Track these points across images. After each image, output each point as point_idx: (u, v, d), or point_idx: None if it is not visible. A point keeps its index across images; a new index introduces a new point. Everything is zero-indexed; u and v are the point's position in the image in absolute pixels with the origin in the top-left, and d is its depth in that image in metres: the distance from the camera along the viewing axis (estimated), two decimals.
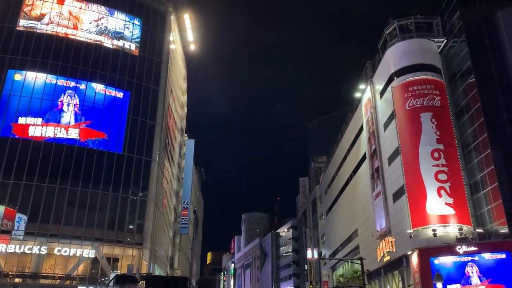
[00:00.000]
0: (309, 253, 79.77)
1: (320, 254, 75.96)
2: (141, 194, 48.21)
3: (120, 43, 53.33)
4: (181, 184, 73.93)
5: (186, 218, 72.51)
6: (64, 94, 48.05)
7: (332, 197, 69.59)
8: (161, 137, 51.92)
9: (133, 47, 53.93)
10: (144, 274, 37.96)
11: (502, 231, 33.94)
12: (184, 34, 67.20)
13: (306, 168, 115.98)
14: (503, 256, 31.56)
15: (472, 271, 32.07)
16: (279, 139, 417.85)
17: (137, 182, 48.41)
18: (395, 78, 43.59)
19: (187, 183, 75.35)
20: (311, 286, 79.33)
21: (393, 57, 44.76)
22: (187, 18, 64.38)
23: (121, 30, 54.09)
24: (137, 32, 54.97)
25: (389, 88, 44.29)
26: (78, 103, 47.89)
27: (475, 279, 31.87)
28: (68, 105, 47.63)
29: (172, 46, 58.90)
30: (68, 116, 47.33)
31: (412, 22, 44.63)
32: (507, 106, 37.17)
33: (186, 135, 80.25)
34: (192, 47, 69.65)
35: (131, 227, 46.63)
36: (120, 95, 50.52)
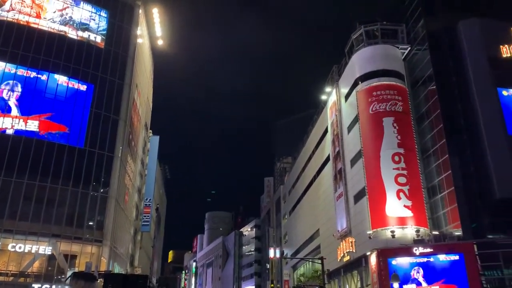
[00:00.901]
0: (271, 252, 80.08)
1: (282, 253, 76.66)
2: (102, 190, 47.08)
3: (85, 34, 51.89)
4: (144, 181, 72.77)
5: (148, 216, 71.40)
6: (7, 84, 45.73)
7: (296, 197, 70.37)
8: (125, 133, 50.89)
9: (98, 39, 52.60)
10: (103, 272, 37.15)
11: (456, 233, 35.36)
12: (152, 29, 66.15)
13: (272, 168, 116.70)
14: (457, 257, 32.90)
15: (420, 273, 33.32)
16: (246, 138, 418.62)
17: (98, 177, 47.27)
18: (360, 82, 44.56)
19: (150, 180, 74.23)
20: (272, 285, 79.73)
21: (359, 61, 45.74)
22: (156, 13, 63.39)
23: (86, 21, 52.64)
24: (103, 24, 53.65)
25: (354, 92, 45.23)
26: (19, 94, 45.63)
27: (430, 280, 33.11)
28: (9, 96, 45.46)
29: (139, 40, 57.85)
30: (14, 108, 45.44)
31: (378, 29, 45.79)
32: (464, 114, 38.76)
33: (150, 131, 79.04)
34: (160, 42, 68.68)
35: (90, 223, 45.46)
36: (83, 88, 49.16)
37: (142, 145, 69.06)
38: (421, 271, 33.22)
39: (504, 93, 38.37)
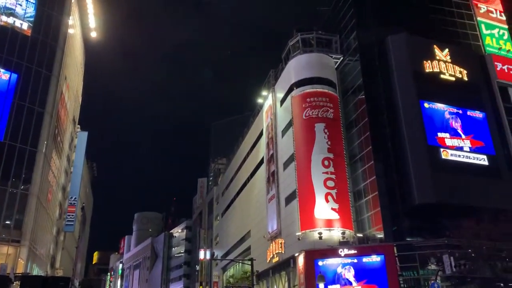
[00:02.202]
0: (202, 254, 79.83)
1: (212, 255, 76.42)
2: (22, 187, 44.00)
3: (10, 20, 48.30)
4: (69, 178, 69.13)
5: (72, 215, 67.86)
6: None
7: (229, 198, 70.49)
8: (50, 127, 47.99)
9: (25, 26, 49.24)
10: (20, 274, 34.73)
11: (378, 236, 37.35)
12: (85, 20, 63.07)
13: (206, 169, 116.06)
14: (378, 259, 34.73)
15: (348, 274, 34.80)
16: (180, 138, 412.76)
17: (19, 173, 44.11)
18: (295, 88, 45.73)
19: (76, 178, 70.63)
20: (201, 286, 79.39)
21: (295, 68, 46.94)
22: (90, 3, 60.59)
23: (12, 6, 49.07)
24: (31, 11, 50.30)
25: (289, 97, 46.32)
26: None
27: (353, 281, 34.61)
28: None
29: (70, 31, 54.93)
30: None
31: (314, 37, 47.33)
32: (390, 123, 41.09)
33: (78, 126, 75.25)
34: (94, 34, 65.63)
35: (7, 222, 42.32)
36: (5, 77, 45.69)
37: (69, 140, 65.60)
38: (352, 270, 34.61)
39: (426, 105, 41.17)
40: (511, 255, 32.12)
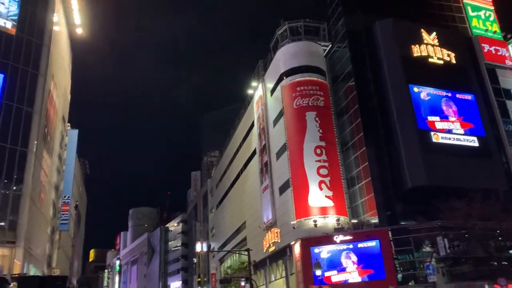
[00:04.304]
0: (198, 247, 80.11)
1: (209, 247, 76.73)
2: (14, 188, 43.68)
3: None
4: (61, 177, 68.72)
5: (66, 214, 67.58)
6: None
7: (223, 190, 70.60)
8: (40, 126, 47.53)
9: (9, 25, 48.45)
10: (16, 275, 34.63)
11: (373, 221, 37.71)
12: (70, 16, 62.20)
13: (199, 162, 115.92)
14: (373, 243, 35.13)
15: (346, 260, 35.17)
16: (172, 132, 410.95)
17: (10, 174, 43.74)
18: (284, 77, 45.67)
19: (69, 176, 70.23)
20: (199, 279, 79.75)
21: (283, 57, 46.83)
22: None
23: None
24: (14, 9, 49.50)
25: (278, 87, 46.27)
26: None
27: (350, 266, 34.99)
28: None
29: (55, 28, 54.19)
30: None
31: (301, 25, 47.19)
32: (380, 109, 41.29)
33: (68, 124, 74.60)
34: (79, 30, 64.80)
35: (1, 224, 42.11)
36: None
37: (59, 139, 65.09)
38: (352, 256, 34.96)
39: (415, 89, 41.38)
40: (504, 234, 32.59)
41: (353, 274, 34.70)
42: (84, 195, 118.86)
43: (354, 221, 39.73)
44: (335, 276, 34.73)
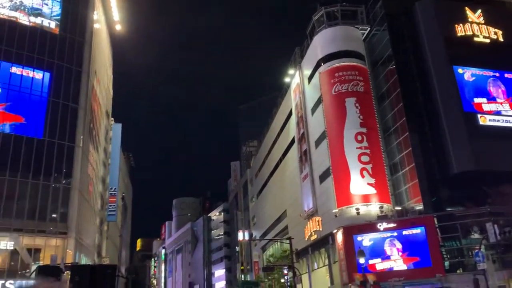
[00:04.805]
0: (240, 235, 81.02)
1: (251, 235, 77.47)
2: (64, 182, 45.71)
3: (38, 20, 49.51)
4: (107, 170, 71.22)
5: (113, 205, 70.21)
6: None
7: (262, 180, 70.91)
8: (85, 121, 49.38)
9: (53, 25, 50.36)
10: (69, 264, 36.33)
11: (417, 208, 36.76)
12: (109, 14, 63.88)
13: (237, 152, 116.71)
14: (418, 231, 34.26)
15: (391, 248, 34.53)
16: (211, 123, 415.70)
17: (60, 168, 45.81)
18: (322, 64, 44.96)
19: (114, 169, 72.78)
20: (242, 267, 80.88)
21: (320, 43, 46.07)
22: None
23: (39, 6, 50.20)
24: (57, 9, 51.34)
25: (316, 74, 45.64)
26: None
27: (394, 254, 34.36)
28: None
29: (96, 26, 55.83)
30: None
31: (338, 10, 46.19)
32: (423, 92, 39.94)
33: (112, 119, 77.07)
34: (118, 27, 66.49)
35: (54, 216, 44.19)
36: (39, 76, 47.11)
37: (104, 133, 67.36)
38: (397, 243, 34.36)
39: (460, 71, 39.71)
40: None
41: (398, 262, 34.06)
42: (130, 187, 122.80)
43: (398, 208, 38.88)
44: (379, 264, 34.21)
